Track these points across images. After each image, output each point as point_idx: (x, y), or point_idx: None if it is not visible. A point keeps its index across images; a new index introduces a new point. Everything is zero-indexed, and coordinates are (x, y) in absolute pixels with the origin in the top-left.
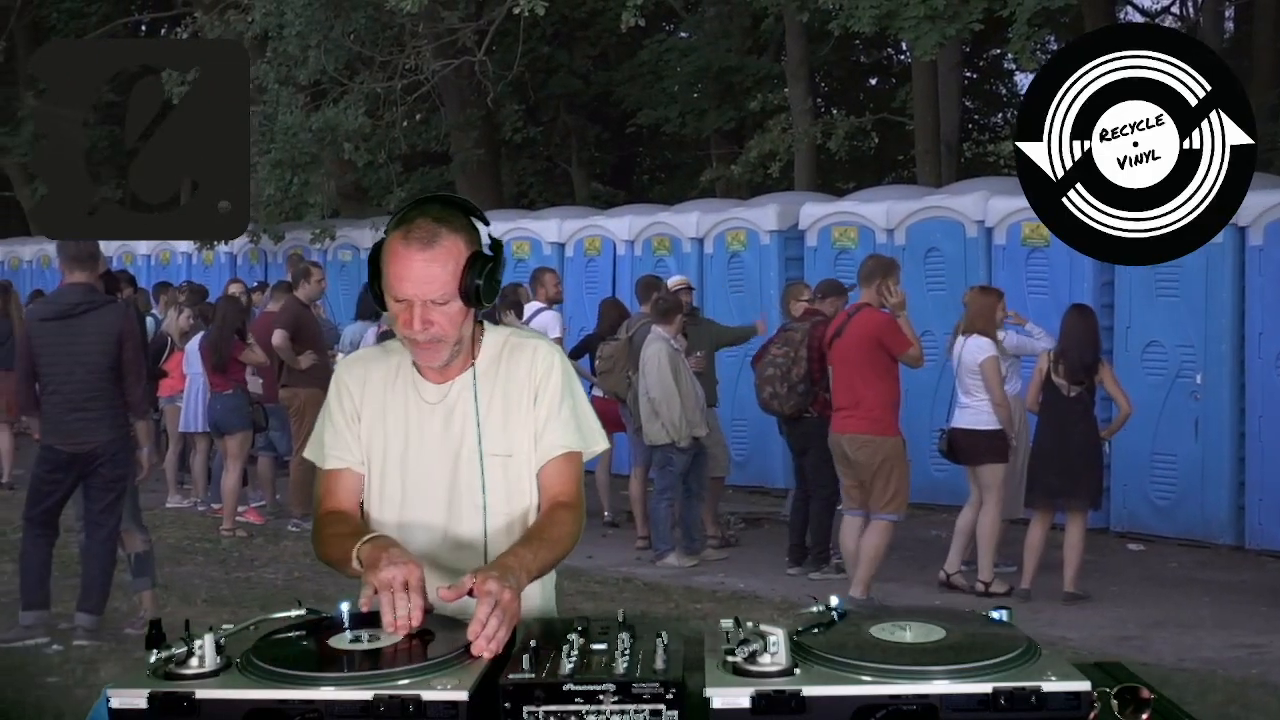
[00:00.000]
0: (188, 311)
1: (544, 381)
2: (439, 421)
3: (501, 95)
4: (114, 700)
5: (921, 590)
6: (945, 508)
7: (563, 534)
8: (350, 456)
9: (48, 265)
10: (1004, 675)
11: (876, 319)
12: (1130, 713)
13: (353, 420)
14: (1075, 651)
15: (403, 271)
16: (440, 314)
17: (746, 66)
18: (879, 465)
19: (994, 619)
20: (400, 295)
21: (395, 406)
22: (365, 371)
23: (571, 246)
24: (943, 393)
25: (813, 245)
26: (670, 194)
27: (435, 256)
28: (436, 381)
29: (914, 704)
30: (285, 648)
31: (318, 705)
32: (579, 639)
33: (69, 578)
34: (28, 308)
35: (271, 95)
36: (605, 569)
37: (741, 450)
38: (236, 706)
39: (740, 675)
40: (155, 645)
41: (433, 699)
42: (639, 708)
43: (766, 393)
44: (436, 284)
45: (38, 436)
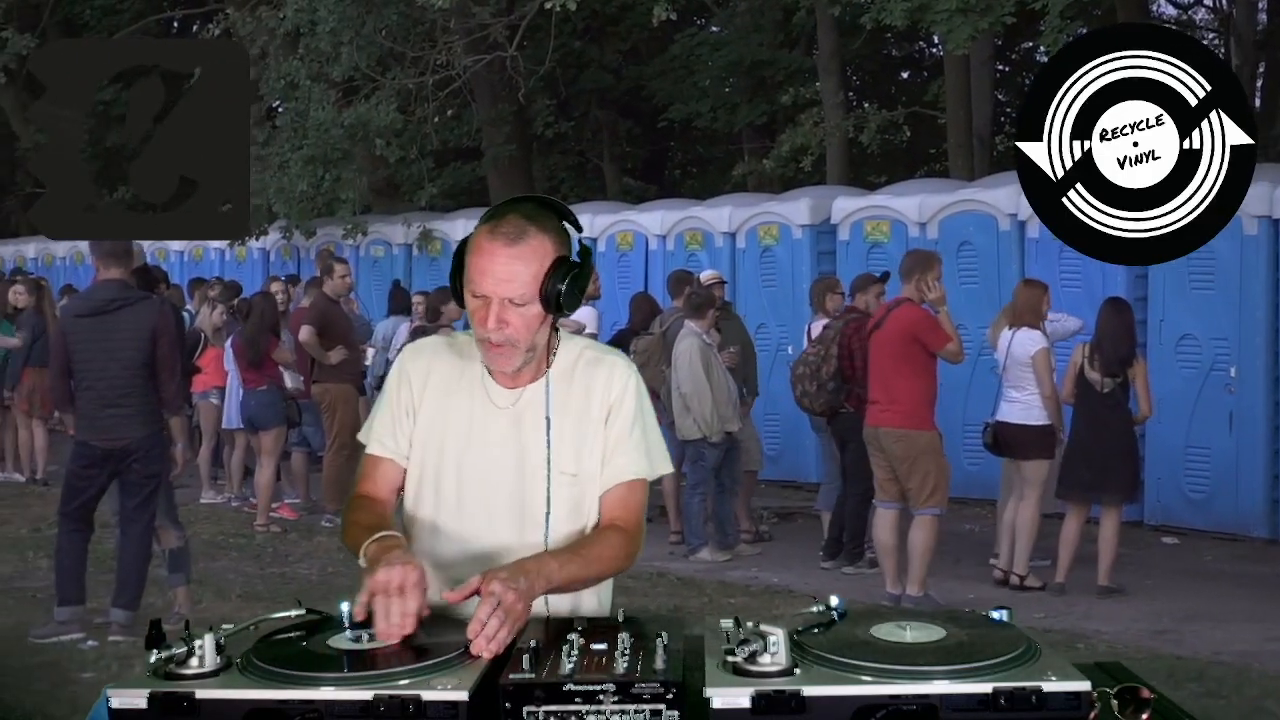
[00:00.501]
0: (220, 308)
1: (619, 402)
2: (506, 427)
3: (533, 90)
4: (114, 700)
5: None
6: (979, 502)
7: (606, 554)
8: (394, 446)
9: (81, 262)
10: (1004, 675)
11: (913, 314)
12: (1130, 713)
13: (407, 412)
14: (1110, 645)
15: (484, 266)
16: (517, 315)
17: (778, 60)
18: (914, 460)
19: (994, 619)
20: (479, 291)
21: (460, 404)
22: (430, 363)
23: (603, 241)
24: (976, 387)
25: (845, 239)
26: (702, 189)
27: (520, 254)
28: (507, 386)
29: (914, 704)
30: (285, 648)
31: (318, 705)
32: (579, 639)
33: (104, 573)
34: (61, 304)
35: (304, 91)
36: (639, 564)
37: (774, 444)
38: (236, 706)
39: (740, 675)
40: (155, 645)
41: (433, 699)
42: (639, 708)
43: (798, 391)
44: (517, 283)
45: (72, 432)
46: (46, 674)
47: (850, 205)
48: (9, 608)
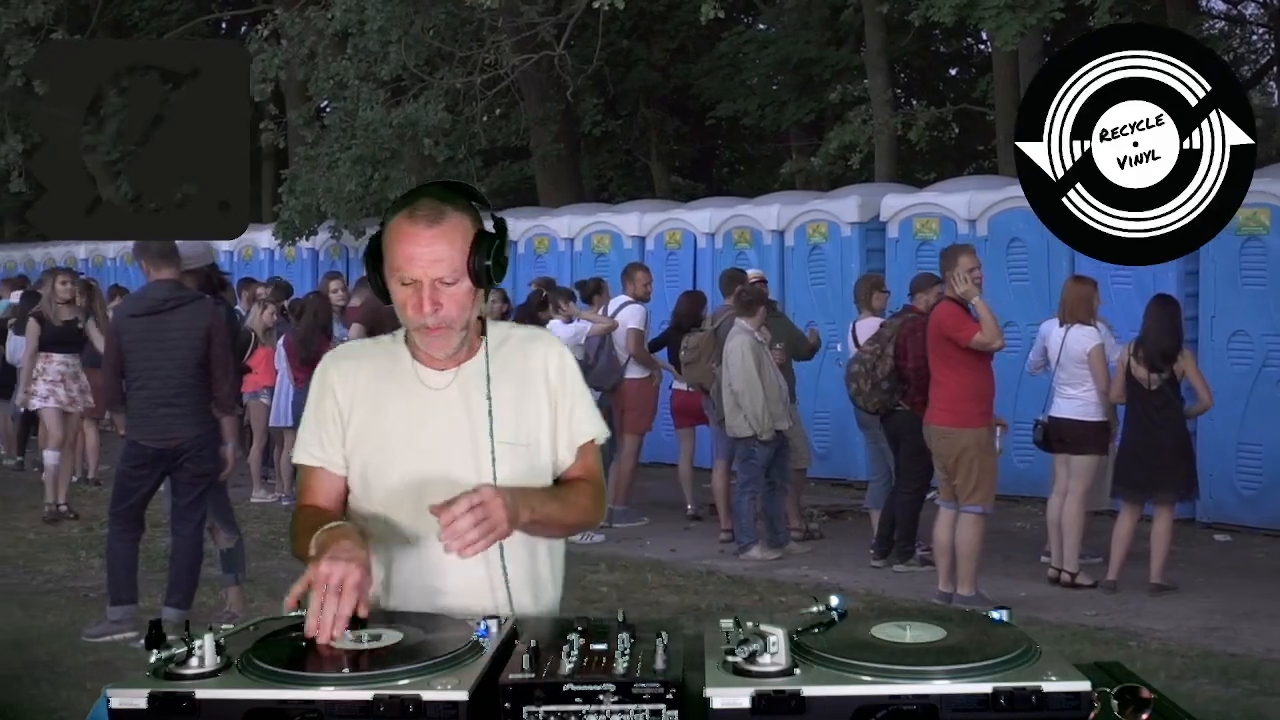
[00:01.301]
0: (271, 308)
1: (560, 373)
2: (446, 407)
3: (581, 89)
4: (114, 700)
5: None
6: (1029, 500)
7: (582, 503)
8: (322, 455)
9: (131, 263)
10: (1004, 675)
11: (942, 311)
12: (1130, 713)
13: (333, 420)
14: (1162, 643)
15: (410, 251)
16: (448, 295)
17: (826, 58)
18: (959, 456)
19: (994, 619)
20: (409, 277)
21: (395, 396)
22: (355, 365)
23: (652, 240)
24: (1026, 385)
25: (894, 237)
26: (750, 186)
27: (443, 233)
28: (440, 368)
29: (914, 704)
30: (285, 648)
31: (318, 705)
32: (579, 639)
33: (156, 573)
34: (114, 304)
35: (352, 91)
36: (689, 562)
37: (823, 442)
38: (236, 706)
39: (740, 675)
40: (155, 645)
41: (433, 699)
42: (639, 708)
43: (852, 389)
44: (446, 262)
45: (123, 432)
46: (99, 673)
47: (899, 203)
48: (61, 607)
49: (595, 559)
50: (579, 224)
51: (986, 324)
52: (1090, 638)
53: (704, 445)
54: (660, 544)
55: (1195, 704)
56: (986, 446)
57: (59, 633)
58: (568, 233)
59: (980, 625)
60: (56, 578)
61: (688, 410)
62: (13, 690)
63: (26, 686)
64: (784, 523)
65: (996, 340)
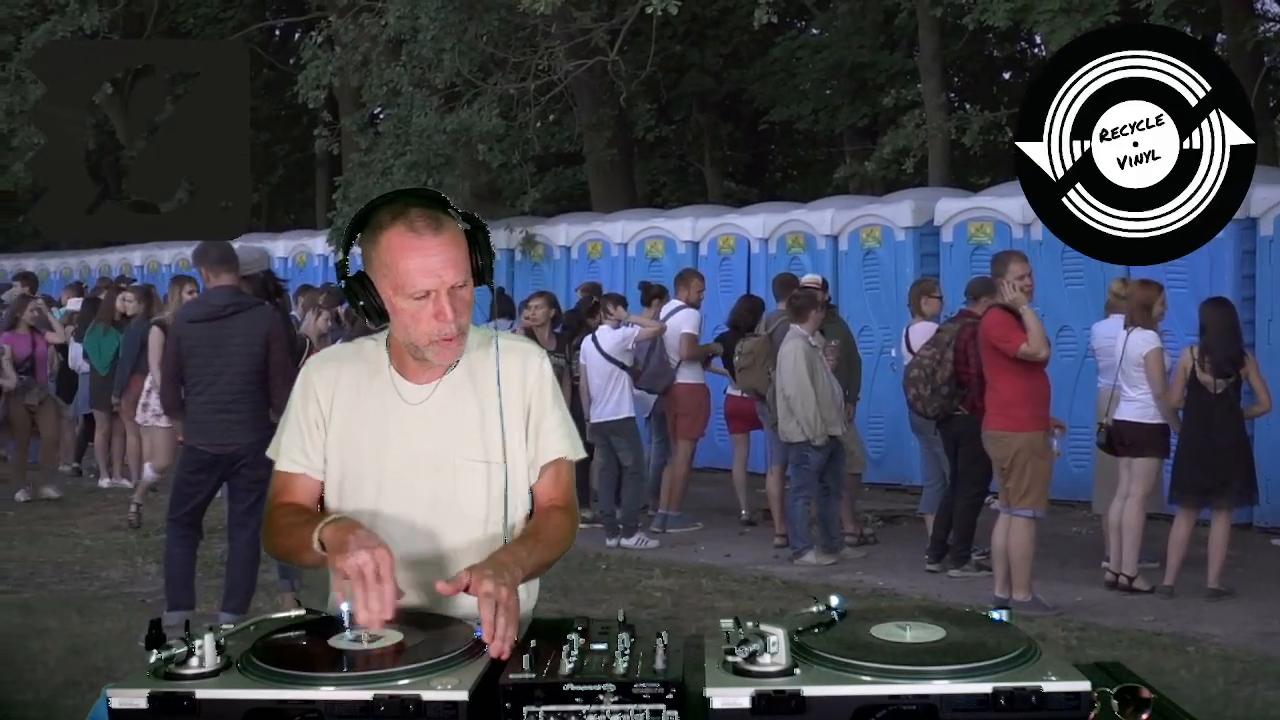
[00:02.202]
0: (326, 314)
1: (537, 389)
2: (422, 423)
3: (634, 95)
4: (114, 700)
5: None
6: (1085, 505)
7: (558, 536)
8: (305, 461)
9: (186, 269)
10: (1004, 675)
11: (991, 319)
12: (1130, 713)
13: (316, 425)
14: (1220, 648)
15: (422, 262)
16: (460, 301)
17: (879, 62)
18: (1012, 459)
19: (994, 619)
20: (423, 288)
21: (372, 408)
22: (336, 372)
23: (705, 245)
24: (1081, 390)
25: (948, 241)
26: (803, 191)
27: (450, 239)
28: (419, 382)
29: (914, 704)
30: (285, 648)
31: (318, 705)
32: (579, 639)
33: (213, 578)
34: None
35: (406, 98)
36: (743, 567)
37: (878, 447)
38: (236, 706)
39: (740, 675)
40: (155, 645)
41: (433, 699)
42: (639, 708)
43: (911, 394)
44: (458, 267)
45: (182, 438)
46: None
47: (953, 207)
48: (118, 613)
49: (650, 564)
50: (632, 229)
51: (1033, 334)
52: (1148, 643)
53: (758, 450)
54: (715, 549)
55: (1254, 710)
56: (1040, 450)
57: (116, 639)
58: (621, 238)
59: (980, 625)
60: (114, 584)
61: (741, 415)
62: (71, 696)
63: (84, 692)
64: (838, 528)
65: (1043, 350)
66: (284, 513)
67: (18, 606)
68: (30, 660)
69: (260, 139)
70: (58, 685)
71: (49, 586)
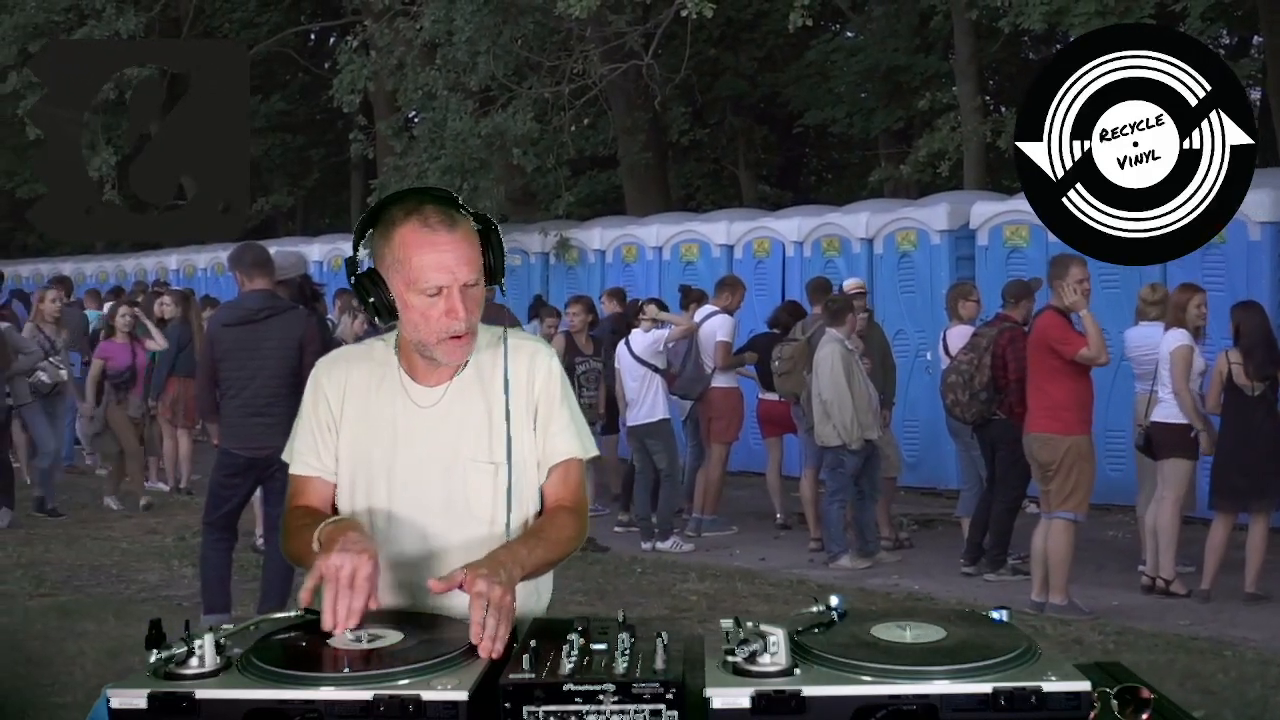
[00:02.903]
0: (362, 317)
1: (545, 388)
2: (431, 427)
3: (668, 98)
4: (114, 700)
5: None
6: (1121, 508)
7: (564, 535)
8: (319, 464)
9: (222, 273)
10: (1004, 675)
11: (1045, 321)
12: (1130, 713)
13: (328, 427)
14: (1257, 652)
15: (435, 259)
16: (472, 299)
17: (915, 65)
18: (1059, 462)
19: (994, 619)
20: (436, 284)
21: (382, 411)
22: (345, 374)
23: (740, 248)
24: (1118, 393)
25: (984, 244)
26: (838, 194)
27: (463, 236)
28: (429, 384)
29: (914, 704)
30: (285, 648)
31: (318, 705)
32: (579, 639)
33: (249, 581)
34: (209, 314)
35: (441, 102)
36: (778, 571)
37: (913, 451)
38: (236, 706)
39: (740, 675)
40: (155, 645)
41: (433, 699)
42: (639, 708)
43: (949, 399)
44: (471, 265)
45: (216, 442)
46: None
47: (989, 210)
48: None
49: (685, 568)
50: (667, 233)
51: (1092, 339)
52: (1184, 647)
53: (793, 454)
54: (750, 553)
55: None
56: (1086, 454)
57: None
58: (656, 241)
59: (980, 625)
60: (150, 586)
61: (775, 419)
62: None
63: None
64: (874, 532)
65: (1101, 356)
66: (297, 516)
67: (55, 609)
68: (68, 663)
69: (296, 143)
70: (95, 688)
71: (86, 589)
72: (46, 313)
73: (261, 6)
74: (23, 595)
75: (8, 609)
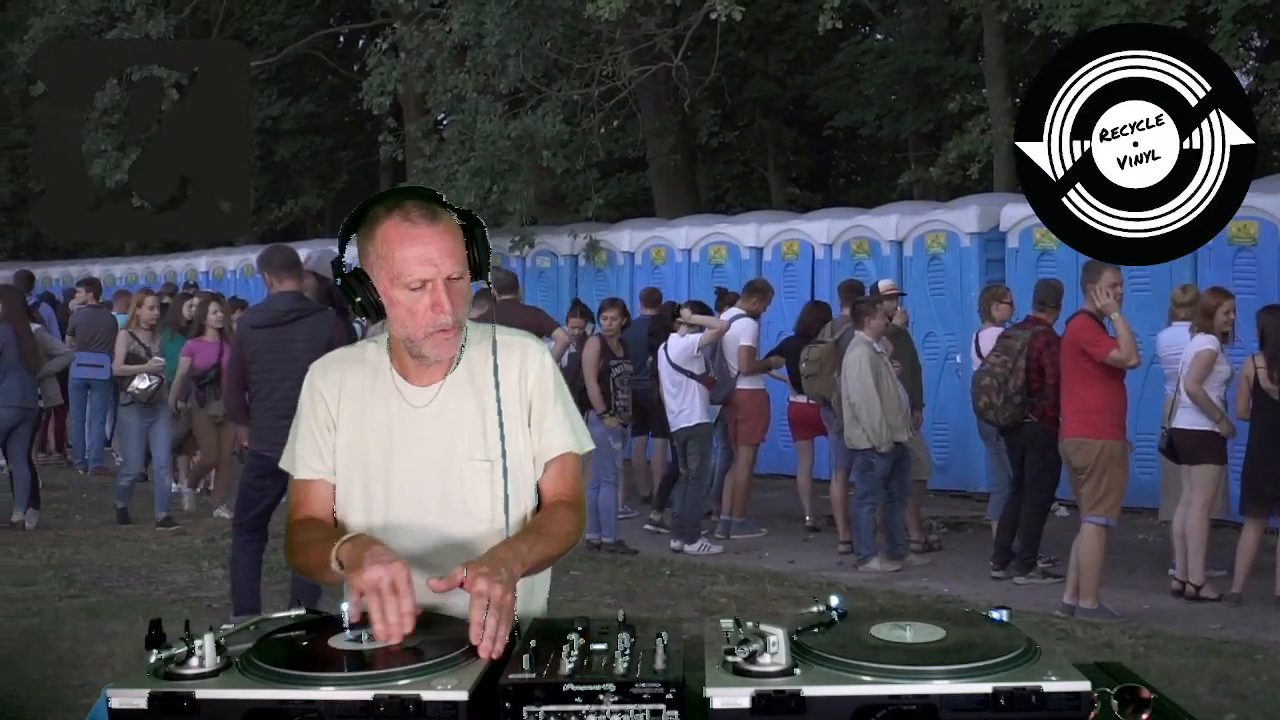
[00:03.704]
0: None
1: (538, 383)
2: (426, 426)
3: (698, 100)
4: (114, 700)
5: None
6: (1151, 512)
7: (563, 530)
8: (322, 466)
9: (251, 275)
10: (1004, 675)
11: (1076, 324)
12: (1130, 713)
13: (326, 429)
14: None
15: (418, 252)
16: (457, 292)
17: (944, 67)
18: (1092, 466)
19: (994, 619)
20: (420, 278)
21: (376, 413)
22: (340, 376)
23: (769, 250)
24: (1147, 397)
25: (1014, 247)
26: (867, 197)
27: (445, 229)
28: (421, 384)
29: (914, 704)
30: (285, 648)
31: (318, 705)
32: (579, 639)
33: (279, 582)
34: (239, 316)
35: (470, 104)
36: (807, 573)
37: (943, 454)
38: (236, 706)
39: (740, 675)
40: (155, 645)
41: (433, 699)
42: (639, 708)
43: (982, 402)
44: (455, 257)
45: (246, 444)
46: None
47: (1019, 212)
48: (185, 617)
49: (714, 570)
50: (696, 235)
51: (1124, 341)
52: (1215, 650)
53: (823, 457)
54: (779, 555)
55: None
56: (1119, 458)
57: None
58: (685, 244)
59: (980, 625)
60: (180, 588)
61: (805, 422)
62: None
63: None
64: (904, 534)
65: (1132, 358)
66: (302, 529)
67: (85, 610)
68: (97, 664)
69: (325, 145)
70: None
71: (116, 591)
72: (144, 319)
73: (291, 9)
74: (53, 596)
75: (38, 610)
